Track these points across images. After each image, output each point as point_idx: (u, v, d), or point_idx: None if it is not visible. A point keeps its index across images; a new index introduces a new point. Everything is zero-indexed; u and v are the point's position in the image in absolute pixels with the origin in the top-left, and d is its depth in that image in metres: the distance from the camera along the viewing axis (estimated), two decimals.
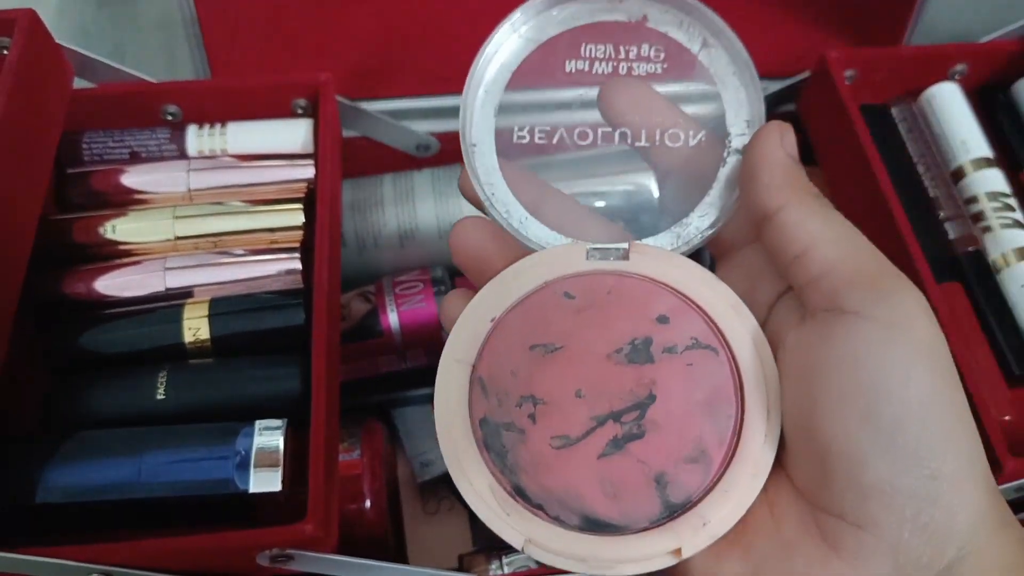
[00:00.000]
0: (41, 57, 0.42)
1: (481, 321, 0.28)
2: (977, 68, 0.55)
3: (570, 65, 0.30)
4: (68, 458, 0.37)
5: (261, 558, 0.37)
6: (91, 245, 0.44)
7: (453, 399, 0.27)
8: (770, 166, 0.26)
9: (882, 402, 0.23)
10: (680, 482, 0.26)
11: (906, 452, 0.23)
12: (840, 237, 0.25)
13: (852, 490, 0.24)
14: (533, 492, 0.26)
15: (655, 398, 0.27)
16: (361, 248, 0.52)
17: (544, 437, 0.27)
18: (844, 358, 0.24)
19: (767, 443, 0.26)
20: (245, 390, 0.40)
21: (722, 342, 0.27)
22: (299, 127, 0.47)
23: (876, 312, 0.24)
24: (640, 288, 0.28)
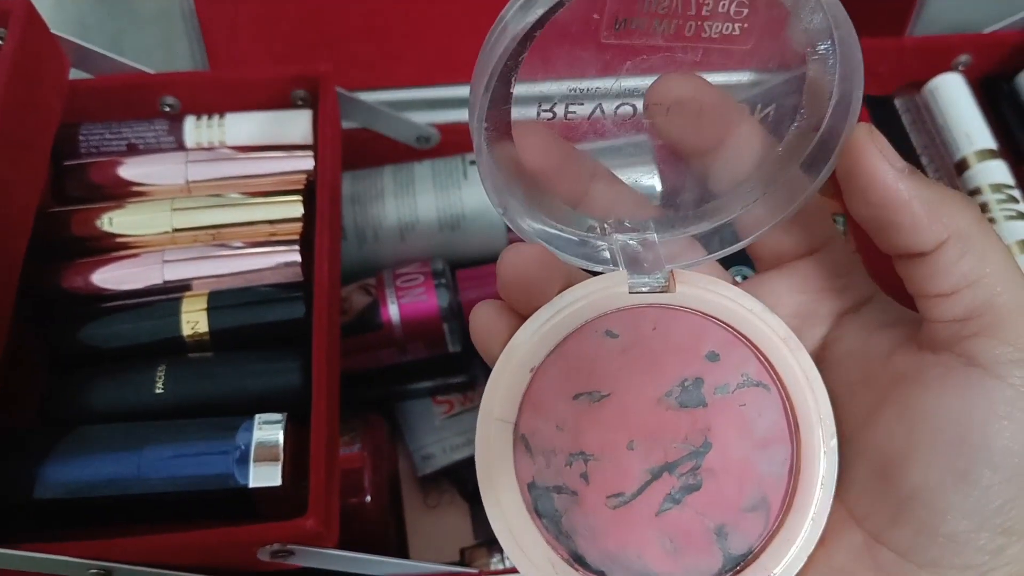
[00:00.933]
0: (37, 48, 0.42)
1: (519, 372, 0.25)
2: (981, 59, 0.55)
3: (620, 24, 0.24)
4: (67, 453, 0.37)
5: (262, 553, 0.36)
6: (88, 238, 0.43)
7: (496, 463, 0.25)
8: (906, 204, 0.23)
9: (985, 467, 0.23)
10: (740, 532, 0.25)
11: (988, 512, 0.23)
12: (994, 281, 0.23)
13: (924, 535, 0.23)
14: (593, 558, 0.25)
15: (711, 446, 0.25)
16: (361, 240, 0.52)
17: (599, 497, 0.25)
18: (956, 412, 0.23)
19: (824, 487, 0.25)
20: (245, 384, 0.40)
21: (774, 378, 0.26)
22: (298, 118, 0.47)
23: (1009, 373, 0.23)
24: (687, 322, 0.26)
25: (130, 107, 0.47)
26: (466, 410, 0.53)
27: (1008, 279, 0.23)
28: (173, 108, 0.48)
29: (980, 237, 0.23)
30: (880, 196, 0.23)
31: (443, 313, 0.48)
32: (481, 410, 0.25)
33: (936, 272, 0.23)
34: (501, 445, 0.25)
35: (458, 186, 0.52)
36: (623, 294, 0.26)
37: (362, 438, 0.48)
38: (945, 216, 0.23)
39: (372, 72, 0.56)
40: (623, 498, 0.25)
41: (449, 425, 0.53)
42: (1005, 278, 0.23)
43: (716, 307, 0.26)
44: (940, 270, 0.23)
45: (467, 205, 0.52)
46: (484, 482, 0.25)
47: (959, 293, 0.23)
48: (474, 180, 0.52)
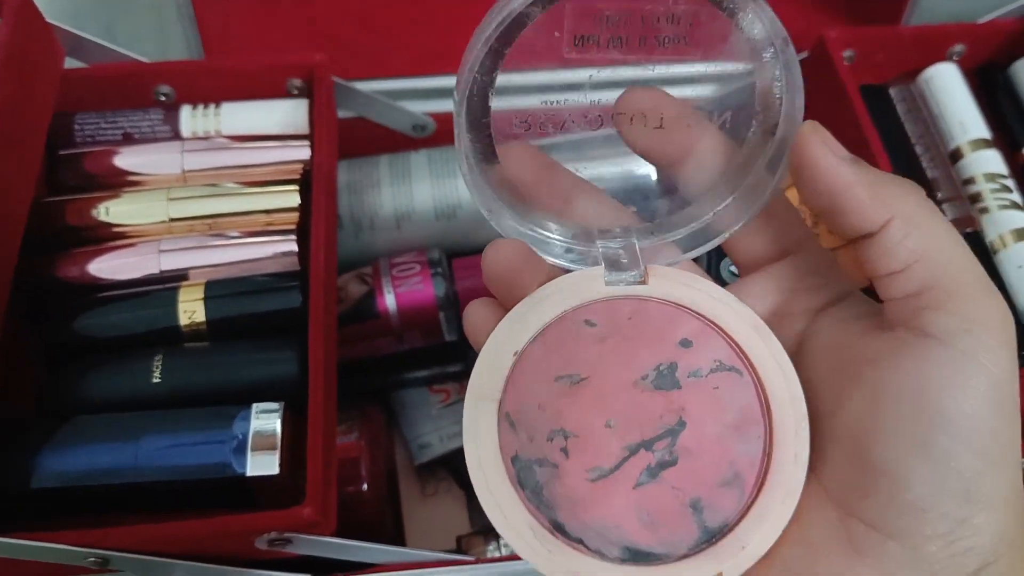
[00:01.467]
0: (31, 37, 0.42)
1: (503, 355, 0.27)
2: (975, 48, 0.55)
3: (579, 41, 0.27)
4: (65, 443, 0.37)
5: (259, 542, 0.36)
6: (84, 228, 0.43)
7: (483, 438, 0.27)
8: (849, 188, 0.25)
9: (941, 432, 0.24)
10: (716, 507, 0.26)
11: (950, 478, 0.24)
12: (941, 256, 0.25)
13: (891, 504, 0.24)
14: (572, 527, 0.26)
15: (685, 424, 0.27)
16: (357, 230, 0.52)
17: (578, 470, 0.26)
18: (913, 383, 0.24)
19: (797, 463, 0.26)
20: (242, 373, 0.40)
21: (746, 364, 0.27)
22: (294, 107, 0.47)
23: (960, 342, 0.24)
24: (661, 312, 0.28)
25: (125, 96, 0.47)
26: (462, 399, 0.53)
27: (954, 254, 0.25)
28: (168, 97, 0.48)
29: (925, 217, 0.25)
30: (825, 184, 0.25)
31: (439, 302, 0.49)
32: (468, 389, 0.27)
33: (885, 251, 0.25)
34: (487, 421, 0.27)
35: (454, 175, 0.52)
36: (600, 287, 0.28)
37: (359, 427, 0.48)
38: (888, 198, 0.25)
39: (368, 61, 0.56)
40: (601, 471, 0.26)
41: (446, 414, 0.53)
42: (951, 253, 0.25)
43: (688, 298, 0.28)
44: (888, 249, 0.25)
45: (463, 194, 0.52)
46: (471, 455, 0.27)
47: (909, 269, 0.25)
48: None
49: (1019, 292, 0.47)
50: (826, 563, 0.25)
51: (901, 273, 0.25)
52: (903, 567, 0.24)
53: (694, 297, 0.28)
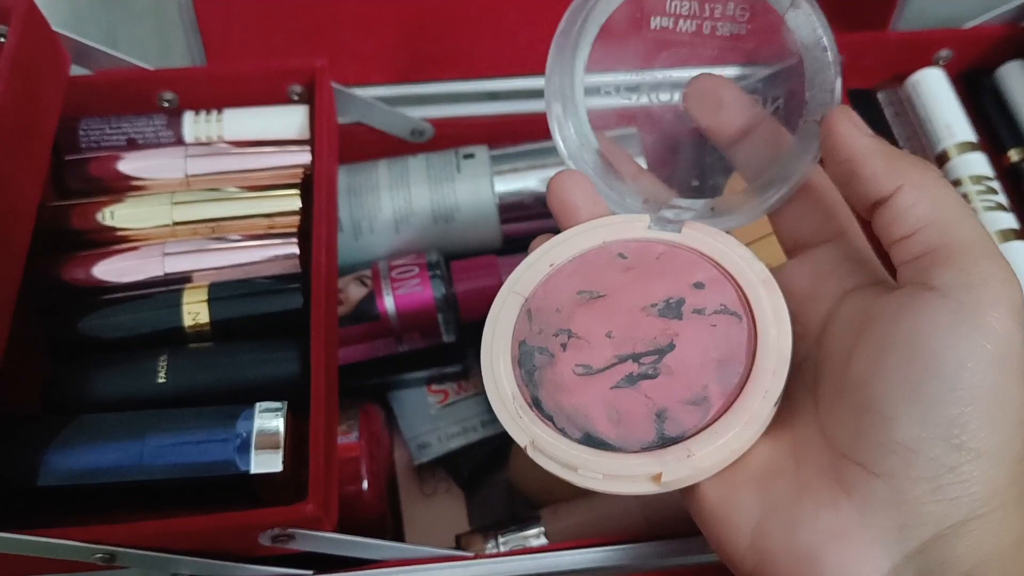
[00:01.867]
0: (38, 45, 0.42)
1: (543, 264, 0.32)
2: (962, 53, 0.56)
3: (655, 22, 0.32)
4: (71, 441, 0.37)
5: (263, 538, 0.37)
6: (89, 231, 0.44)
7: (502, 321, 0.32)
8: (867, 157, 0.27)
9: (932, 377, 0.25)
10: (678, 419, 0.28)
11: (939, 423, 0.24)
12: (949, 220, 0.26)
13: (880, 444, 0.25)
14: (547, 405, 0.30)
15: (674, 347, 0.30)
16: (357, 233, 0.53)
17: (570, 364, 0.30)
18: (912, 330, 0.25)
19: (766, 398, 0.28)
20: (245, 373, 0.40)
21: (747, 311, 0.30)
22: (295, 113, 0.48)
23: (958, 295, 0.25)
24: (686, 258, 0.31)
25: (128, 102, 0.48)
26: (461, 399, 0.54)
27: (960, 220, 0.26)
28: (171, 103, 0.49)
29: (934, 186, 0.27)
30: (846, 152, 0.28)
31: (438, 304, 0.49)
32: (505, 283, 0.32)
33: (896, 216, 0.27)
34: (510, 310, 0.32)
35: (452, 179, 0.53)
36: (642, 228, 0.32)
37: (359, 427, 0.49)
38: (901, 167, 0.27)
39: (367, 67, 0.57)
40: (589, 369, 0.30)
41: (445, 414, 0.53)
42: (958, 219, 0.26)
43: (713, 249, 0.31)
44: (898, 215, 0.27)
45: (461, 198, 0.53)
46: (487, 333, 0.32)
47: (917, 234, 0.26)
48: (467, 173, 0.53)
49: None
50: (811, 498, 0.26)
51: (910, 237, 0.26)
52: (886, 506, 0.25)
53: (718, 249, 0.31)
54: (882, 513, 0.25)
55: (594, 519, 0.46)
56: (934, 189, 0.27)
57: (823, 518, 0.26)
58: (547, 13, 0.56)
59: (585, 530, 0.46)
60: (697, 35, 0.32)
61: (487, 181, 0.53)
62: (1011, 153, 0.52)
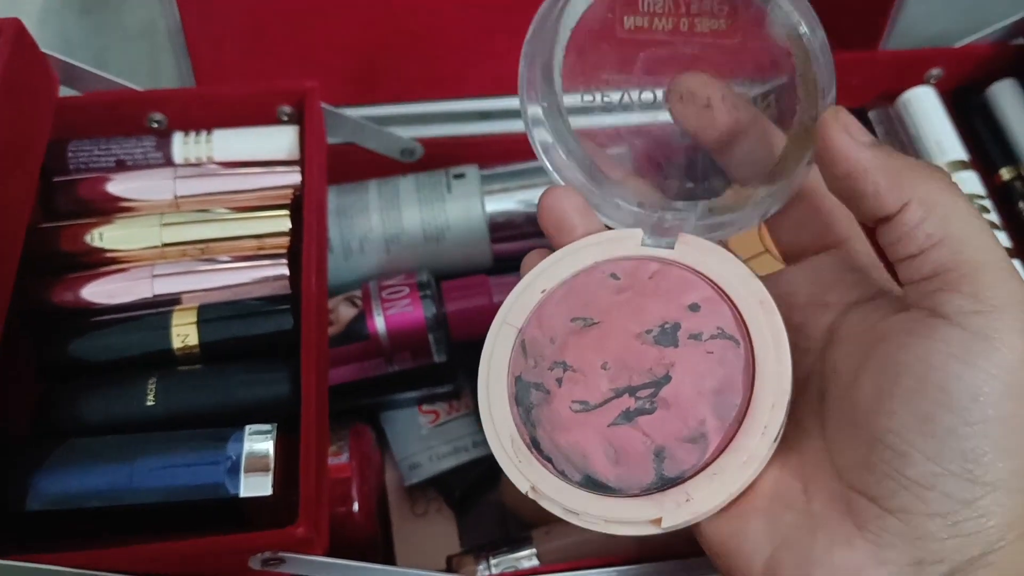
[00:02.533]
0: (27, 66, 0.42)
1: (534, 291, 0.31)
2: (952, 71, 0.56)
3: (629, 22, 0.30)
4: (60, 465, 0.37)
5: (253, 561, 0.37)
6: (78, 253, 0.44)
7: (497, 356, 0.31)
8: (868, 174, 0.25)
9: (944, 409, 0.23)
10: (676, 459, 0.28)
11: (953, 458, 0.23)
12: (959, 240, 0.24)
13: (892, 479, 0.24)
14: (546, 446, 0.29)
15: (670, 379, 0.29)
16: (347, 253, 0.52)
17: (566, 400, 0.29)
18: (921, 359, 0.24)
19: (765, 435, 0.27)
20: (235, 395, 0.40)
21: (745, 334, 0.29)
22: (285, 134, 0.47)
23: (969, 322, 0.24)
24: (680, 276, 0.30)
25: (118, 124, 0.48)
26: (452, 419, 0.54)
27: (972, 238, 0.24)
28: (160, 124, 0.49)
29: (944, 201, 0.25)
30: (844, 168, 0.26)
31: (428, 323, 0.49)
32: (498, 313, 0.31)
33: (903, 235, 0.25)
34: (504, 343, 0.31)
35: (442, 199, 0.53)
36: (634, 246, 0.31)
37: (350, 448, 0.49)
38: (906, 182, 0.25)
39: (357, 88, 0.57)
40: (586, 406, 0.29)
41: (435, 434, 0.53)
42: (969, 237, 0.24)
43: (708, 268, 0.30)
44: (906, 233, 0.25)
45: (451, 217, 0.53)
46: (483, 368, 0.31)
47: (925, 253, 0.25)
48: (457, 193, 0.53)
49: None
50: (825, 534, 0.25)
51: (918, 256, 0.25)
52: (901, 542, 0.24)
53: (713, 267, 0.30)
54: (897, 550, 0.24)
55: (586, 540, 0.46)
56: (944, 204, 0.25)
57: (838, 556, 0.25)
58: None
59: (577, 551, 0.45)
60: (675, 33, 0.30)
61: (477, 201, 0.53)
62: (1003, 172, 0.53)
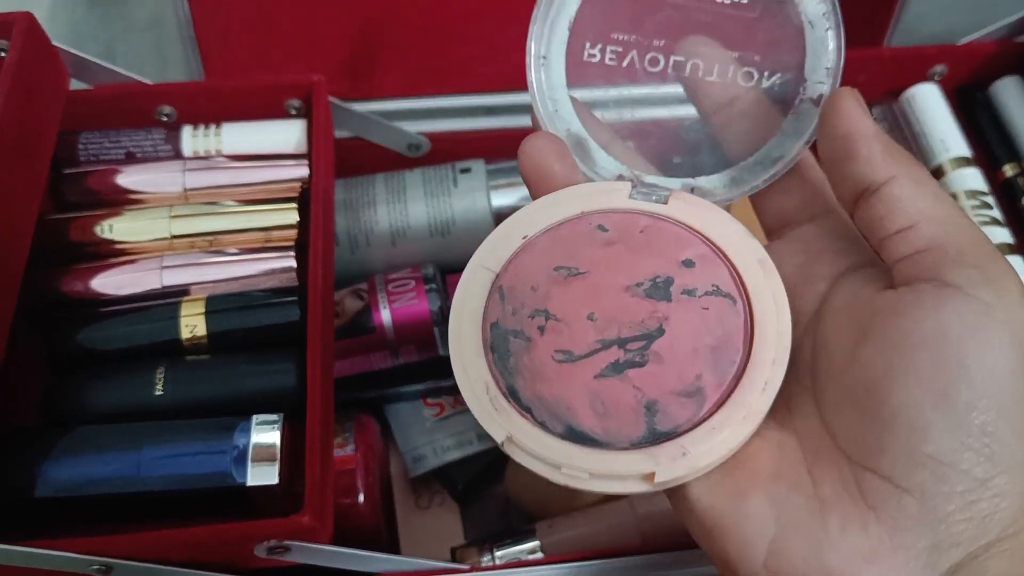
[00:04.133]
0: (39, 59, 0.43)
1: (514, 237, 0.29)
2: (956, 69, 0.56)
3: None
4: (69, 453, 0.38)
5: (259, 549, 0.37)
6: (88, 244, 0.44)
7: (471, 301, 0.28)
8: (867, 139, 0.26)
9: (962, 383, 0.23)
10: (670, 413, 0.26)
11: (971, 433, 0.23)
12: (949, 217, 0.25)
13: (908, 456, 0.24)
14: (525, 396, 0.27)
15: (664, 332, 0.27)
16: (354, 246, 0.53)
17: (548, 349, 0.27)
18: (934, 330, 0.24)
19: (766, 391, 0.26)
20: (242, 385, 0.41)
21: (742, 293, 0.27)
22: (293, 127, 0.48)
23: (979, 292, 0.23)
24: (673, 232, 0.29)
25: (127, 116, 0.48)
26: (456, 412, 0.54)
27: (961, 218, 0.25)
28: (170, 117, 0.49)
29: (931, 183, 0.25)
30: (846, 127, 0.26)
31: (434, 317, 0.49)
32: (473, 258, 0.29)
33: (892, 208, 0.25)
34: (479, 288, 0.28)
35: (448, 193, 0.53)
36: (623, 198, 0.29)
37: (355, 440, 0.49)
38: (898, 158, 0.25)
39: (364, 82, 0.57)
40: (570, 356, 0.27)
41: (440, 427, 0.54)
42: (959, 216, 0.25)
43: (702, 223, 0.29)
44: (895, 205, 0.25)
45: (457, 212, 0.53)
46: (455, 312, 0.28)
47: (918, 226, 0.25)
48: (463, 187, 0.53)
49: None
50: (836, 516, 0.24)
51: (910, 229, 0.25)
52: (918, 525, 0.23)
53: (708, 224, 0.29)
54: (914, 533, 0.23)
55: (590, 533, 0.46)
56: (931, 186, 0.25)
57: (852, 539, 0.24)
58: None
59: (581, 543, 0.46)
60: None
61: (483, 195, 0.53)
62: (1006, 168, 0.53)
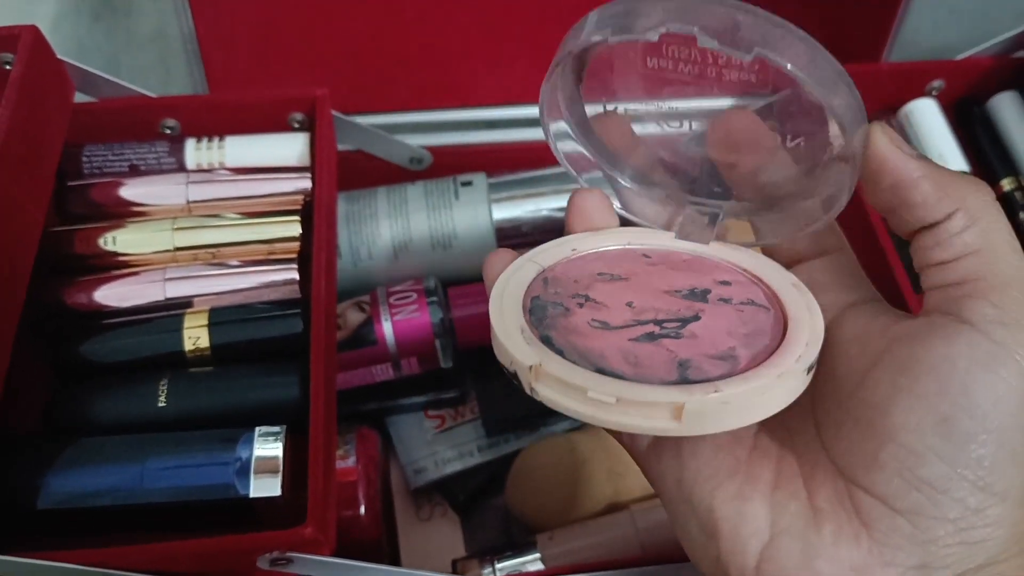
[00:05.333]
0: (44, 72, 0.43)
1: (565, 247, 0.31)
2: (954, 84, 0.56)
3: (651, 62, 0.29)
4: (71, 464, 0.38)
5: (261, 561, 0.37)
6: (91, 256, 0.44)
7: (514, 280, 0.29)
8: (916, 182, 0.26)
9: (964, 412, 0.24)
10: (702, 369, 0.26)
11: (968, 464, 0.23)
12: (993, 253, 0.25)
13: (903, 478, 0.24)
14: (558, 343, 0.27)
15: (699, 318, 0.27)
16: (356, 259, 0.53)
17: (585, 318, 0.28)
18: (943, 358, 0.24)
19: (799, 362, 0.26)
20: (245, 397, 0.41)
21: (777, 306, 0.28)
22: (296, 141, 0.48)
23: (991, 330, 0.24)
24: (712, 263, 0.31)
25: (131, 129, 0.49)
26: (458, 425, 0.54)
27: (1006, 254, 0.25)
28: (173, 130, 0.49)
29: (986, 214, 0.25)
30: (892, 178, 0.26)
31: (436, 329, 0.50)
32: (524, 255, 0.30)
33: (940, 241, 0.25)
34: (525, 274, 0.30)
35: (449, 206, 0.53)
36: (668, 238, 0.31)
37: (356, 452, 0.49)
38: (953, 191, 0.25)
39: (367, 96, 0.57)
40: (605, 325, 0.28)
41: (441, 439, 0.54)
42: (1003, 252, 0.25)
43: (740, 259, 0.30)
44: (944, 240, 0.25)
45: (458, 225, 0.53)
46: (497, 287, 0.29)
47: (958, 261, 0.25)
48: (465, 200, 0.54)
49: None
50: (831, 528, 0.25)
51: (950, 263, 0.25)
52: (909, 545, 0.24)
53: (745, 260, 0.30)
54: (904, 552, 0.24)
55: (590, 544, 0.46)
56: (986, 217, 0.25)
57: (843, 550, 0.25)
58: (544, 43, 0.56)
59: (581, 555, 0.46)
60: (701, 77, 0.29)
61: (485, 208, 0.53)
62: (1004, 182, 0.53)
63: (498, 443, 0.54)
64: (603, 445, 0.50)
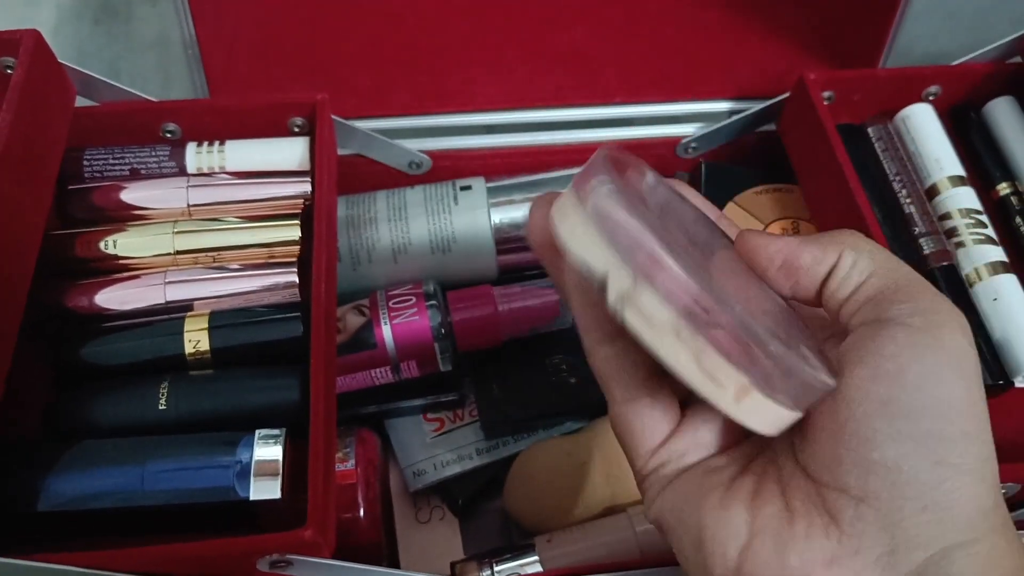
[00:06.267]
0: (45, 76, 0.43)
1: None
2: (950, 89, 0.57)
3: None
4: (72, 467, 0.38)
5: (261, 563, 0.37)
6: (92, 259, 0.45)
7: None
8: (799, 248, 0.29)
9: (901, 392, 0.25)
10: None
11: (916, 437, 0.25)
12: (886, 267, 0.28)
13: (859, 464, 0.25)
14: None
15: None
16: (355, 263, 0.53)
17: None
18: (874, 352, 0.26)
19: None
20: (245, 400, 0.41)
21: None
22: (296, 145, 0.48)
23: (912, 321, 0.26)
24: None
25: (132, 133, 0.49)
26: (457, 428, 0.54)
27: (897, 265, 0.28)
28: (174, 134, 0.49)
29: (865, 244, 0.28)
30: (782, 257, 0.29)
31: (435, 333, 0.50)
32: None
33: (841, 281, 0.28)
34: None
35: (449, 211, 0.54)
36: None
37: (356, 455, 0.49)
38: (830, 241, 0.29)
39: (367, 101, 0.58)
40: None
41: (440, 442, 0.54)
42: (894, 264, 0.28)
43: None
44: (843, 276, 0.28)
45: (458, 229, 0.53)
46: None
47: (861, 288, 0.28)
48: (464, 205, 0.54)
49: (994, 324, 0.48)
50: (802, 522, 0.26)
51: (856, 292, 0.28)
52: (874, 529, 0.25)
53: None
54: (871, 537, 0.25)
55: (588, 547, 0.46)
56: (867, 246, 0.28)
57: (815, 543, 0.26)
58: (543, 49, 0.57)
59: (580, 558, 0.46)
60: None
61: (484, 212, 0.54)
62: (1000, 187, 0.53)
63: (497, 446, 0.54)
64: (601, 448, 0.50)
